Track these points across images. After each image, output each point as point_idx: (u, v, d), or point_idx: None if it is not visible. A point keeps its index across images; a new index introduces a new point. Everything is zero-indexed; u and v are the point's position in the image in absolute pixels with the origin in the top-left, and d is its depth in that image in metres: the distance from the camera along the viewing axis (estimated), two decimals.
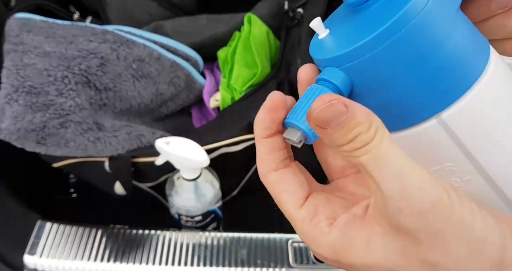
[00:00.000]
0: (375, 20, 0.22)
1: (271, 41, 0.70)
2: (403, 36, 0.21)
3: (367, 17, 0.24)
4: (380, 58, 0.22)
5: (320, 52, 0.25)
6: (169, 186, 0.59)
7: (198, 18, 0.72)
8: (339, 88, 0.23)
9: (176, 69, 0.65)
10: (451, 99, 0.22)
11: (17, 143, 0.53)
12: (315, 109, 0.20)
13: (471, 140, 0.23)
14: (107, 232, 0.53)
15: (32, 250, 0.50)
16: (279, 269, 0.50)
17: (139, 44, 0.62)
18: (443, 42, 0.22)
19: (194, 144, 0.53)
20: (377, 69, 0.22)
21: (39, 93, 0.53)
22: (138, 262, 0.50)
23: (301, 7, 0.68)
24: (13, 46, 0.57)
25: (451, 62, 0.22)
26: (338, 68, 0.23)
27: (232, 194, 0.70)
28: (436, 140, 0.23)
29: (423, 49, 0.22)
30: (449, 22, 0.22)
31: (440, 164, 0.24)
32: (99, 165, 0.58)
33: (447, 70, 0.22)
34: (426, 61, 0.22)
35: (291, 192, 0.24)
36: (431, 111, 0.23)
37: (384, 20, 0.21)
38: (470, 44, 0.23)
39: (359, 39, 0.22)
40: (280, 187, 0.24)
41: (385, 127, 0.21)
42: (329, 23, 0.27)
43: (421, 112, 0.23)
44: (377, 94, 0.23)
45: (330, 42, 0.25)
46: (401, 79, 0.22)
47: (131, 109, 0.62)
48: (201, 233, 0.53)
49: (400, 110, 0.23)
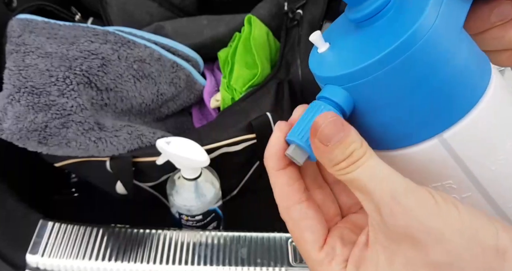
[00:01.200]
0: (380, 39, 0.22)
1: (271, 42, 0.70)
2: (410, 57, 0.21)
3: (371, 35, 0.23)
4: (385, 78, 0.22)
5: (321, 68, 0.25)
6: (169, 185, 0.59)
7: (199, 19, 0.73)
8: (341, 107, 0.23)
9: (177, 70, 0.66)
10: (454, 119, 0.23)
11: (19, 143, 0.53)
12: (320, 125, 0.21)
13: (471, 158, 0.23)
14: (108, 231, 0.53)
15: (34, 249, 0.51)
16: (279, 268, 0.50)
17: (140, 45, 0.63)
18: (449, 61, 0.22)
19: (195, 144, 0.54)
20: (381, 89, 0.22)
21: (40, 93, 0.53)
22: (139, 261, 0.50)
23: (301, 8, 0.68)
24: (15, 47, 0.57)
25: (455, 82, 0.22)
26: (340, 87, 0.23)
27: (232, 193, 0.70)
28: (437, 158, 0.23)
29: (429, 70, 0.21)
30: (455, 41, 0.22)
31: (440, 181, 0.24)
32: (101, 165, 0.58)
33: (451, 90, 0.22)
34: (431, 81, 0.22)
35: (313, 231, 0.24)
36: (433, 131, 0.23)
37: (391, 40, 0.21)
38: (473, 63, 0.23)
39: (364, 59, 0.22)
40: (303, 224, 0.24)
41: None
42: (328, 35, 0.26)
43: (423, 132, 0.23)
44: (380, 113, 0.23)
45: (331, 58, 0.25)
46: (405, 99, 0.22)
47: (132, 109, 0.63)
48: (201, 232, 0.54)
49: (402, 129, 0.23)
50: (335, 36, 0.26)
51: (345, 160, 0.21)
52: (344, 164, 0.22)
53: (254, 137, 0.60)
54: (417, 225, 0.20)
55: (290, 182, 0.24)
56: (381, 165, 0.22)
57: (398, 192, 0.21)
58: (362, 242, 0.23)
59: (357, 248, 0.23)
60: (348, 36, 0.25)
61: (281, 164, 0.24)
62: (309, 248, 0.24)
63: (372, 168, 0.21)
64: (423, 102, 0.22)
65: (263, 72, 0.66)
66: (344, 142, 0.21)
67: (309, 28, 0.66)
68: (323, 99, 0.23)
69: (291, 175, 0.24)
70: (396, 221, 0.21)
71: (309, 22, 0.66)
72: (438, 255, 0.20)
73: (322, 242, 0.24)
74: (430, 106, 0.22)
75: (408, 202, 0.20)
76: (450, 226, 0.20)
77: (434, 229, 0.20)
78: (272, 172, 0.24)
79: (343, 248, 0.24)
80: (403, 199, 0.20)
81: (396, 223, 0.21)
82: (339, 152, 0.21)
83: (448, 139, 0.23)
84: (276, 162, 0.24)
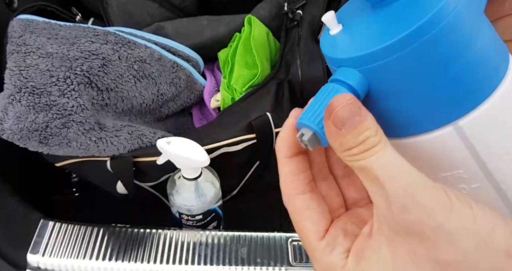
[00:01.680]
0: (399, 19, 0.21)
1: (271, 42, 0.70)
2: (431, 39, 0.20)
3: (389, 15, 0.22)
4: (403, 61, 0.21)
5: (334, 50, 0.23)
6: (170, 185, 0.59)
7: (199, 19, 0.73)
8: (355, 90, 0.22)
9: (177, 70, 0.66)
10: (470, 106, 0.22)
11: (19, 143, 0.53)
12: (336, 107, 0.20)
13: (485, 148, 0.23)
14: (108, 231, 0.53)
15: (35, 249, 0.51)
16: (279, 267, 0.50)
17: (141, 45, 0.63)
18: (470, 45, 0.21)
19: (195, 144, 0.54)
20: (398, 72, 0.21)
21: (41, 93, 0.53)
22: (139, 260, 0.50)
23: (301, 9, 0.68)
24: (16, 47, 0.57)
25: (475, 67, 0.21)
26: (355, 69, 0.22)
27: (232, 193, 0.70)
28: (450, 146, 0.23)
29: (449, 53, 0.21)
30: (477, 24, 0.21)
31: (450, 170, 0.24)
32: (101, 165, 0.58)
33: (470, 75, 0.21)
34: (451, 65, 0.21)
35: (315, 221, 0.24)
36: (449, 118, 0.22)
37: (412, 20, 0.20)
38: (493, 49, 0.22)
39: (382, 40, 0.21)
40: (305, 214, 0.24)
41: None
42: (341, 17, 0.25)
43: (439, 118, 0.22)
44: (395, 98, 0.22)
45: (345, 39, 0.23)
46: (423, 83, 0.21)
47: (132, 109, 0.63)
48: (201, 232, 0.54)
49: (417, 115, 0.22)
50: (348, 18, 0.25)
51: (358, 147, 0.21)
52: (356, 150, 0.21)
53: (254, 137, 0.60)
54: (429, 222, 0.20)
55: (297, 172, 0.24)
56: (395, 156, 0.21)
57: (413, 186, 0.20)
58: (365, 233, 0.23)
59: (360, 239, 0.23)
60: (363, 17, 0.24)
61: (290, 151, 0.24)
62: (311, 237, 0.24)
63: (386, 158, 0.21)
64: (441, 87, 0.21)
65: (263, 72, 0.66)
66: (359, 127, 0.20)
67: (309, 28, 0.66)
68: (337, 82, 0.22)
69: (299, 164, 0.24)
70: (407, 216, 0.20)
71: (309, 23, 0.67)
72: (446, 254, 0.20)
73: (324, 231, 0.24)
74: (447, 92, 0.21)
75: (422, 198, 0.20)
76: (462, 226, 0.20)
77: (445, 228, 0.20)
78: (281, 159, 0.24)
79: (345, 239, 0.23)
80: (418, 195, 0.20)
81: (406, 218, 0.20)
82: (352, 137, 0.20)
83: (464, 127, 0.22)
84: (286, 149, 0.24)
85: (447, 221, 0.20)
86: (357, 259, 0.22)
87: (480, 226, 0.20)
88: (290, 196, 0.24)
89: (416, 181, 0.20)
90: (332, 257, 0.23)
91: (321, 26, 0.67)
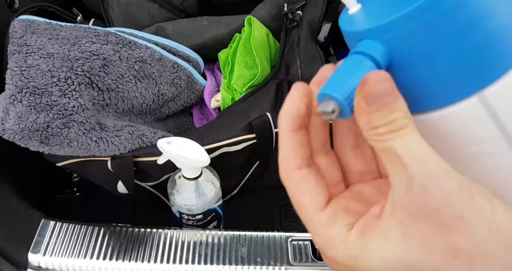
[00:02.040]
0: None
1: (270, 43, 0.71)
2: (453, 2, 0.20)
3: None
4: (426, 28, 0.20)
5: (354, 25, 0.23)
6: (170, 185, 0.59)
7: (199, 20, 0.73)
8: (378, 61, 0.21)
9: (177, 70, 0.66)
10: (495, 76, 0.21)
11: (21, 142, 0.53)
12: (370, 82, 0.20)
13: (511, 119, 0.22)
14: (109, 231, 0.53)
15: (36, 248, 0.51)
16: (278, 267, 0.50)
17: (141, 46, 0.63)
18: (493, 12, 0.20)
19: (195, 144, 0.54)
20: (421, 41, 0.21)
21: (42, 93, 0.54)
22: (140, 260, 0.51)
23: (300, 9, 0.68)
24: (17, 48, 0.58)
25: (499, 35, 0.20)
26: (377, 41, 0.21)
27: (232, 193, 0.70)
28: (475, 119, 0.22)
29: (471, 19, 0.20)
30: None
31: (476, 145, 0.23)
32: (102, 165, 0.59)
33: (494, 43, 0.20)
34: (473, 33, 0.20)
35: (313, 195, 0.23)
36: (474, 88, 0.21)
37: None
38: None
39: (403, 7, 0.20)
40: (303, 188, 0.23)
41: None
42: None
43: (463, 89, 0.21)
44: (418, 68, 0.21)
45: (365, 15, 0.23)
46: (445, 52, 0.21)
47: (133, 109, 0.63)
48: (202, 232, 0.54)
49: (440, 87, 0.22)
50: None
51: (385, 126, 0.20)
52: (384, 129, 0.20)
53: (254, 137, 0.60)
54: (449, 210, 0.20)
55: (297, 146, 0.23)
56: (422, 141, 0.20)
57: (438, 172, 0.20)
58: (374, 213, 0.23)
59: (367, 218, 0.23)
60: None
61: (294, 125, 0.23)
62: (309, 211, 0.23)
63: (412, 142, 0.20)
64: (466, 54, 0.20)
65: (263, 73, 0.66)
66: (390, 107, 0.20)
67: (309, 29, 0.66)
68: (360, 54, 0.22)
69: (300, 139, 0.23)
70: (428, 201, 0.20)
71: (308, 23, 0.67)
72: (462, 243, 0.20)
73: (323, 205, 0.23)
74: (470, 60, 0.20)
75: (446, 185, 0.20)
76: (481, 219, 0.20)
77: (465, 218, 0.20)
78: (283, 133, 0.23)
79: (347, 215, 0.23)
80: (442, 181, 0.20)
81: (427, 203, 0.20)
82: (380, 115, 0.20)
83: (489, 98, 0.21)
84: (290, 122, 0.23)
85: (467, 212, 0.20)
86: (361, 235, 0.22)
87: (498, 219, 0.20)
88: (289, 171, 0.23)
89: (441, 168, 0.20)
90: (332, 229, 0.23)
91: (321, 26, 0.67)
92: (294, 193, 0.24)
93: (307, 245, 0.52)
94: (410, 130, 0.20)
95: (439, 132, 0.23)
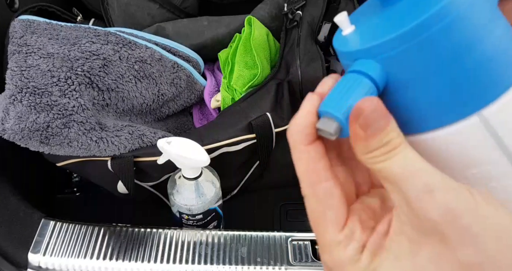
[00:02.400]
0: (413, 11, 0.21)
1: (270, 43, 0.71)
2: (449, 25, 0.20)
3: (402, 9, 0.22)
4: (422, 48, 0.20)
5: (349, 45, 0.23)
6: (170, 185, 0.59)
7: (199, 20, 0.73)
8: (376, 81, 0.21)
9: (177, 70, 0.66)
10: (494, 95, 0.21)
11: (21, 142, 0.53)
12: (366, 110, 0.20)
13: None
14: (109, 231, 0.53)
15: (36, 248, 0.51)
16: (278, 267, 0.50)
17: (141, 46, 0.63)
18: (489, 33, 0.20)
19: (195, 144, 0.54)
20: (418, 61, 0.21)
21: (42, 93, 0.54)
22: (140, 260, 0.51)
23: (300, 9, 0.68)
24: (17, 48, 0.58)
25: (496, 55, 0.20)
26: (373, 60, 0.21)
27: (232, 193, 0.70)
28: (476, 140, 0.21)
29: (467, 40, 0.20)
30: (493, 13, 0.21)
31: (477, 167, 0.22)
32: (102, 165, 0.59)
33: (492, 63, 0.20)
34: (470, 54, 0.20)
35: (336, 211, 0.23)
36: (473, 108, 0.21)
37: (427, 8, 0.20)
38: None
39: (399, 27, 0.20)
40: (328, 203, 0.23)
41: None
42: (352, 20, 0.25)
43: (462, 109, 0.21)
44: (415, 88, 0.21)
45: (359, 36, 0.23)
46: (442, 72, 0.21)
47: (133, 109, 0.63)
48: (202, 232, 0.54)
49: (439, 107, 0.21)
50: (360, 19, 0.25)
51: (380, 149, 0.20)
52: (378, 152, 0.21)
53: (254, 137, 0.60)
54: (452, 222, 0.19)
55: (317, 158, 0.23)
56: (415, 156, 0.21)
57: (433, 186, 0.20)
58: (381, 232, 0.23)
59: (375, 237, 0.23)
60: (375, 16, 0.24)
61: (309, 138, 0.23)
62: (329, 228, 0.23)
63: (406, 159, 0.20)
64: (461, 75, 0.20)
65: (263, 73, 0.66)
66: (384, 131, 0.20)
67: (309, 29, 0.66)
68: (358, 73, 0.22)
69: (318, 150, 0.23)
70: (428, 215, 0.20)
71: (308, 23, 0.67)
72: (469, 255, 0.20)
73: (343, 223, 0.23)
74: (468, 80, 0.20)
75: (444, 198, 0.20)
76: (487, 228, 0.19)
77: (469, 229, 0.19)
78: (299, 147, 0.23)
79: (362, 233, 0.23)
80: (439, 194, 0.20)
81: (428, 217, 0.20)
82: (376, 140, 0.20)
83: (489, 117, 0.21)
84: (305, 136, 0.23)
85: (472, 222, 0.19)
86: (372, 256, 0.22)
87: (505, 227, 0.20)
88: (314, 184, 0.23)
89: (436, 180, 0.20)
90: (347, 251, 0.22)
91: (321, 26, 0.67)
92: (317, 208, 0.23)
93: (307, 245, 0.52)
94: (403, 147, 0.21)
95: (436, 154, 0.22)
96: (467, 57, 0.20)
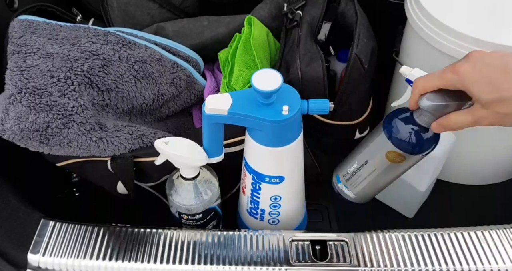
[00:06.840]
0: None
1: (270, 43, 0.71)
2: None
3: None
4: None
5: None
6: (168, 185, 0.59)
7: (199, 19, 0.73)
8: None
9: (177, 70, 0.66)
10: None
11: (20, 143, 0.53)
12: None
13: None
14: (109, 231, 0.53)
15: (35, 248, 0.51)
16: (279, 267, 0.50)
17: (141, 46, 0.63)
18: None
19: (193, 144, 0.54)
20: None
21: (42, 94, 0.54)
22: (139, 260, 0.51)
23: (300, 9, 0.68)
24: (17, 48, 0.58)
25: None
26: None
27: (232, 191, 0.70)
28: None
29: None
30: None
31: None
32: (102, 165, 0.59)
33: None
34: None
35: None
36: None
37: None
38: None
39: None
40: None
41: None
42: None
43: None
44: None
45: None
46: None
47: (133, 110, 0.63)
48: (201, 232, 0.54)
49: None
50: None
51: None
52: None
53: None
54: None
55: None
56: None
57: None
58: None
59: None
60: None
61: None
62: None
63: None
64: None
65: None
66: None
67: (309, 28, 0.66)
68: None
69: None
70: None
71: (308, 23, 0.67)
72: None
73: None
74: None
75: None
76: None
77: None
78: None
79: None
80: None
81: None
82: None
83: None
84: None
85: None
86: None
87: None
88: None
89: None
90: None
91: (321, 26, 0.67)
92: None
93: (307, 245, 0.52)
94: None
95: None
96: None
